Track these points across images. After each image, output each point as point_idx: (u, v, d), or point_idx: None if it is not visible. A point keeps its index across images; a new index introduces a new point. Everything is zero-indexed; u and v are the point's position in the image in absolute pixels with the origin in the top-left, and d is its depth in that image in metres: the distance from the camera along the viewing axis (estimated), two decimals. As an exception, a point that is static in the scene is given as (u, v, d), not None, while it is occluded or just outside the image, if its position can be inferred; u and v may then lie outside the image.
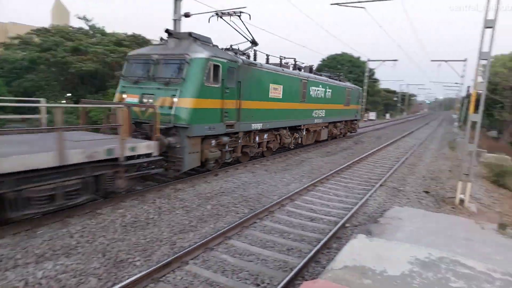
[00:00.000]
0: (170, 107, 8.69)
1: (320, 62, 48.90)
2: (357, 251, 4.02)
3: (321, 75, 18.04)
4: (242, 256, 5.54)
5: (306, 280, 4.82)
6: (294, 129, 14.93)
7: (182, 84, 8.80)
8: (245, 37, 11.91)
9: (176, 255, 5.16)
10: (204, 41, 10.02)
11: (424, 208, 8.50)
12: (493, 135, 37.53)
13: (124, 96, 9.62)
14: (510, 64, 31.01)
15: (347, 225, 7.12)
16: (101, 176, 6.79)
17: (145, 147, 7.62)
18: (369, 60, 36.79)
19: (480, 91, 8.89)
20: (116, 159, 6.92)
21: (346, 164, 13.21)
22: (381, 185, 10.51)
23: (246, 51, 11.79)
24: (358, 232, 5.63)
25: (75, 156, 6.17)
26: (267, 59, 13.19)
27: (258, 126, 11.76)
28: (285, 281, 4.61)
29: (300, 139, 15.59)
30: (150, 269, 4.73)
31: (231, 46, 11.54)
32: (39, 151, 5.76)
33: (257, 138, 12.17)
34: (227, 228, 6.28)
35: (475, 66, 9.22)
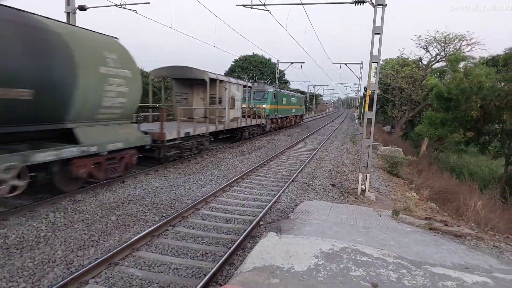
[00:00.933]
0: (263, 109, 23.23)
1: (232, 63, 49.32)
2: (266, 250, 4.02)
3: (293, 91, 37.79)
4: (151, 268, 5.16)
5: (221, 285, 4.68)
6: (285, 118, 30.70)
7: (266, 100, 24.59)
8: (271, 81, 34.57)
9: (72, 276, 4.56)
10: (267, 83, 27.36)
11: (330, 200, 9.07)
12: (387, 130, 42.43)
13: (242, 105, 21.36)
14: (397, 67, 35.39)
15: (261, 223, 7.20)
16: (256, 129, 21.97)
17: (263, 120, 22.98)
18: (279, 62, 38.18)
19: (374, 91, 9.82)
20: (259, 124, 22.31)
21: (260, 163, 13.51)
22: (292, 181, 10.95)
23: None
24: (269, 230, 5.69)
25: (245, 122, 19.65)
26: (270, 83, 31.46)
27: (280, 115, 27.80)
28: (197, 289, 4.40)
29: (286, 123, 31.17)
30: (39, 297, 4.16)
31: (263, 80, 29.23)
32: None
33: (278, 121, 27.99)
34: (134, 239, 5.80)
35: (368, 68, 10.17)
